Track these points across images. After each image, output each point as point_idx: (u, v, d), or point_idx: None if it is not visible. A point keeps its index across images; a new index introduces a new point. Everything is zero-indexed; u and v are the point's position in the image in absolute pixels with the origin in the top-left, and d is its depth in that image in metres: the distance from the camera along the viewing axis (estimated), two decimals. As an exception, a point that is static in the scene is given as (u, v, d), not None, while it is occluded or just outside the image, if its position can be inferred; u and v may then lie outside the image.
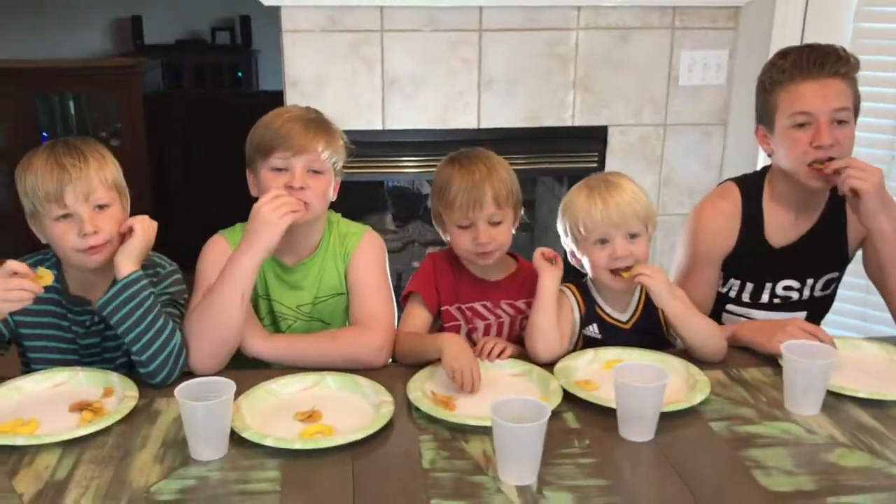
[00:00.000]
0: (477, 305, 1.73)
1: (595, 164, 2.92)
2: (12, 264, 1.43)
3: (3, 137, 3.96)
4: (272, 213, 1.53)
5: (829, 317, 2.63)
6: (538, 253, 1.67)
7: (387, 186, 3.49)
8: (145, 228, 1.55)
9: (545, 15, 2.77)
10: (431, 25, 2.74)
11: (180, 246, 1.87)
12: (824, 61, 1.68)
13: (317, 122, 1.66)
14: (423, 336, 1.66)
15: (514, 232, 1.74)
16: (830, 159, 1.68)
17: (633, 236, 1.65)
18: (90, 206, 1.51)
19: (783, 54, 1.75)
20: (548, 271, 1.65)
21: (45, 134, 3.90)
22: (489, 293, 1.74)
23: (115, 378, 1.51)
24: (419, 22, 2.74)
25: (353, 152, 1.74)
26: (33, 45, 6.08)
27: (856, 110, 1.73)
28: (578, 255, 1.70)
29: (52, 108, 4.19)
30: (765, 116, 1.77)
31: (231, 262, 1.55)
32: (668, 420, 1.38)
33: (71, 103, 4.24)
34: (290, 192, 1.58)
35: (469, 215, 1.66)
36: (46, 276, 1.45)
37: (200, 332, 1.54)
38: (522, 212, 1.77)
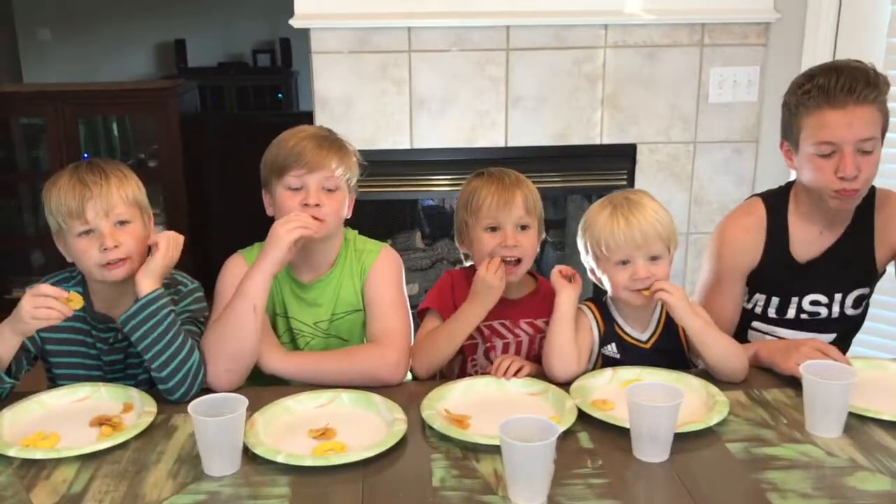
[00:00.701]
0: (495, 324, 1.73)
1: (624, 182, 2.91)
2: (44, 287, 1.48)
3: (48, 160, 4.06)
4: (281, 227, 1.55)
5: (865, 337, 2.57)
6: (556, 271, 1.66)
7: (421, 205, 3.51)
8: (170, 246, 1.57)
9: (572, 33, 2.77)
10: (459, 45, 2.76)
11: (215, 265, 1.88)
12: (853, 87, 1.61)
13: (329, 140, 1.68)
14: (440, 326, 1.67)
15: (537, 250, 1.73)
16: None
17: (654, 258, 1.63)
18: (111, 221, 1.55)
19: (810, 76, 1.68)
20: (565, 289, 1.64)
21: (85, 155, 3.99)
22: (508, 312, 1.73)
23: (135, 394, 1.54)
24: (447, 42, 2.76)
25: (366, 169, 1.75)
26: (81, 70, 6.28)
27: (884, 131, 1.68)
28: (598, 273, 1.69)
29: (95, 130, 4.30)
30: (789, 135, 1.74)
31: (244, 278, 1.58)
32: (685, 441, 1.36)
33: (114, 125, 4.36)
34: (305, 210, 1.60)
35: (498, 217, 1.66)
36: (76, 301, 1.48)
37: (217, 347, 1.56)
38: (545, 236, 1.76)
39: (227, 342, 1.56)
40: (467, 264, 1.79)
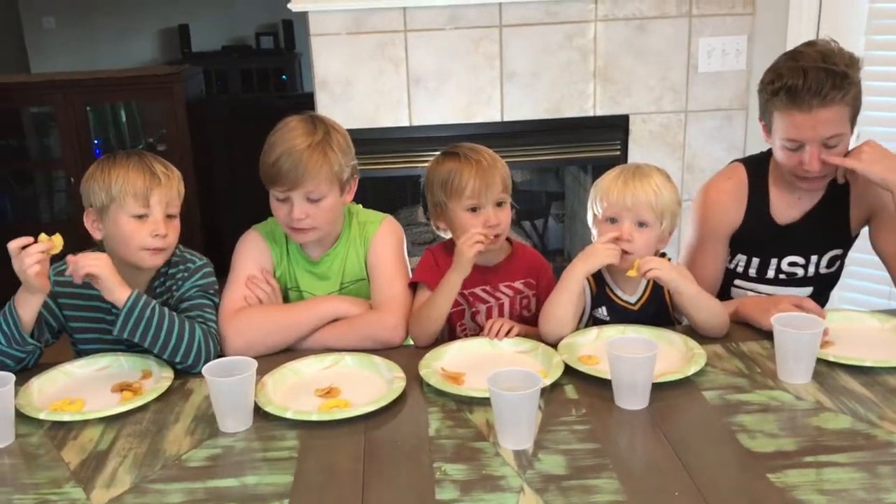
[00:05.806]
0: (477, 290, 1.82)
1: (618, 153, 2.99)
2: (14, 242, 1.54)
3: (59, 147, 4.17)
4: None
5: (853, 296, 2.67)
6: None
7: (422, 181, 3.60)
8: (93, 264, 1.60)
9: (563, 8, 2.85)
10: (453, 23, 2.84)
11: (225, 246, 1.98)
12: (819, 90, 1.66)
13: (311, 150, 1.69)
14: (427, 298, 1.75)
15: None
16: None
17: (641, 224, 1.70)
18: (165, 212, 1.66)
19: (779, 74, 1.72)
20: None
21: (96, 141, 4.10)
22: (488, 278, 1.83)
23: (152, 362, 1.65)
24: (441, 21, 2.84)
25: (357, 146, 1.81)
26: (85, 57, 6.37)
27: (854, 117, 1.74)
28: (594, 231, 1.77)
29: (104, 117, 4.40)
30: (763, 118, 1.83)
31: (321, 302, 1.78)
32: (664, 390, 1.46)
33: (122, 111, 4.46)
34: (291, 222, 1.73)
35: (480, 200, 1.74)
36: (57, 243, 1.56)
37: (262, 335, 1.71)
38: (511, 201, 1.83)
39: (275, 338, 1.72)
40: (447, 236, 1.86)
